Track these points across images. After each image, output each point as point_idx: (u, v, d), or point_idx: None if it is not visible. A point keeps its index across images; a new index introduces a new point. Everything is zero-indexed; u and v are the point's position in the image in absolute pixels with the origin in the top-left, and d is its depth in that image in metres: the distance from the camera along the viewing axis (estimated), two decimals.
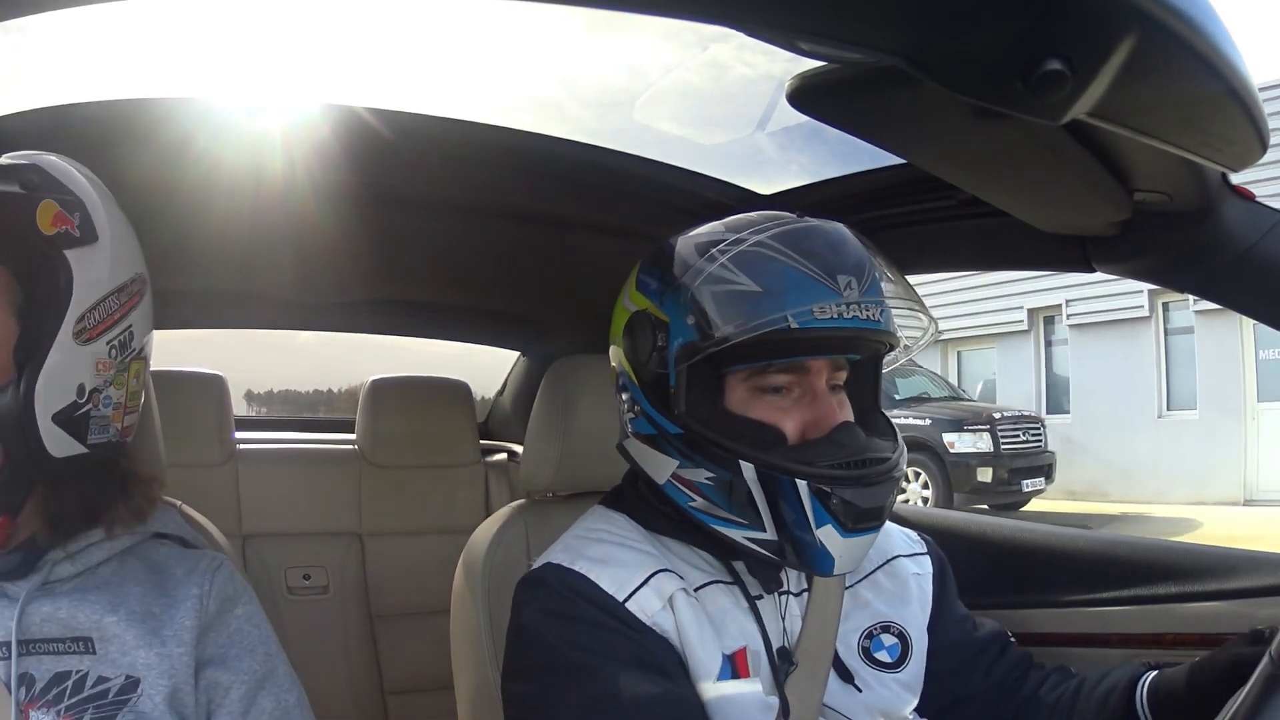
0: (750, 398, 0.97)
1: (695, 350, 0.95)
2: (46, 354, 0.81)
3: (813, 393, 0.97)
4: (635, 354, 1.02)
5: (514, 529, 1.31)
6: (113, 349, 0.87)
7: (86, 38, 1.35)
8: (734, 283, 0.93)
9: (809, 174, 1.50)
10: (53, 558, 0.87)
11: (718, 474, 0.95)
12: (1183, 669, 0.98)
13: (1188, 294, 1.19)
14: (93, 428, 0.86)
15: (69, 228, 0.82)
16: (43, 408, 0.81)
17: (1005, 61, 0.62)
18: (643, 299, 1.02)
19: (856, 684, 1.04)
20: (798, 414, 0.97)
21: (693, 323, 0.95)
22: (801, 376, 0.97)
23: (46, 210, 0.81)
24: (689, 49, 1.31)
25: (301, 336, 2.77)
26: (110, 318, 0.86)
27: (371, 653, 2.29)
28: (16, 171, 0.81)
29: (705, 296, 0.95)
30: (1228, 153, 0.80)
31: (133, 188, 0.94)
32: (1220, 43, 0.62)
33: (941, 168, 1.01)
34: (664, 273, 1.01)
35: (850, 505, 0.91)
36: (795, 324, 0.91)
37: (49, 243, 0.81)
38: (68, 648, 0.83)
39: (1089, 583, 1.43)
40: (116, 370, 0.88)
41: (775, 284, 0.92)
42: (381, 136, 1.26)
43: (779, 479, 0.92)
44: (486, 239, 1.80)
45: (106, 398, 0.87)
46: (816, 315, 0.91)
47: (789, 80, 0.78)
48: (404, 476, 2.39)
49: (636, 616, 0.95)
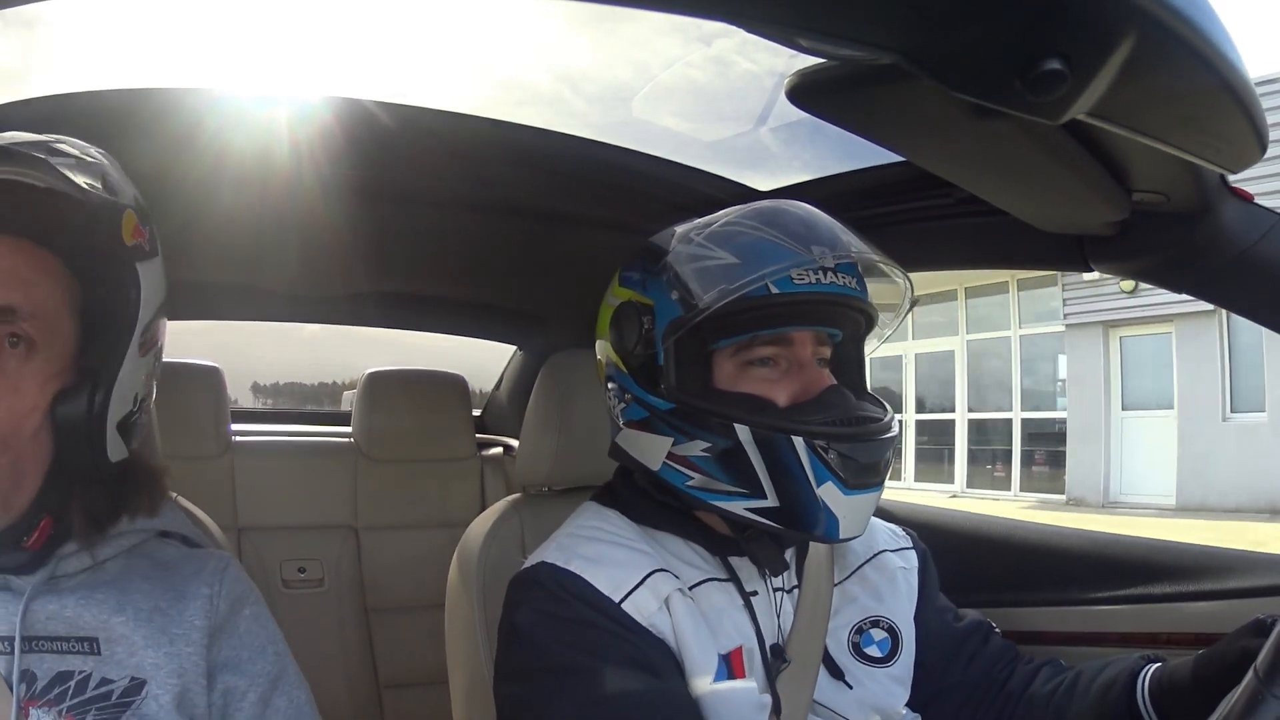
0: (738, 373, 0.99)
1: (681, 324, 0.97)
2: (120, 364, 0.81)
3: (799, 363, 0.99)
4: (622, 343, 1.03)
5: (509, 523, 1.31)
6: (156, 360, 0.89)
7: (91, 26, 1.34)
8: (713, 257, 0.97)
9: (808, 170, 1.50)
10: (61, 553, 0.85)
11: (714, 443, 0.96)
12: (1187, 662, 0.97)
13: (1184, 294, 1.18)
14: (135, 433, 0.87)
15: (143, 240, 0.82)
16: (112, 417, 0.81)
17: (1004, 60, 0.62)
18: (626, 290, 1.05)
19: (847, 681, 1.04)
20: (786, 384, 0.99)
21: (676, 298, 0.98)
22: (786, 349, 0.99)
23: (129, 221, 0.80)
24: (691, 44, 1.31)
25: (307, 329, 2.78)
26: (160, 331, 0.88)
27: (366, 646, 2.29)
28: (92, 170, 0.78)
29: (686, 273, 0.98)
30: (1226, 154, 0.80)
31: (132, 177, 0.93)
32: (1220, 43, 0.61)
33: (940, 166, 1.01)
34: (645, 263, 1.04)
35: (848, 460, 0.93)
36: (775, 288, 0.94)
37: (129, 253, 0.81)
38: (72, 647, 0.82)
39: (1085, 581, 1.43)
40: (152, 378, 0.90)
41: (753, 254, 0.95)
42: (385, 130, 1.27)
43: (775, 439, 0.93)
44: (486, 233, 1.80)
45: (147, 405, 0.90)
46: (795, 280, 0.95)
47: (788, 77, 0.78)
48: (400, 470, 2.40)
49: (632, 617, 0.95)
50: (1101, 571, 1.43)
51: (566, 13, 1.06)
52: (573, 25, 1.97)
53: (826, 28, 0.65)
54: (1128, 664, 1.03)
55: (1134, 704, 0.99)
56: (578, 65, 3.25)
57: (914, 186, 1.36)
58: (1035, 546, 1.55)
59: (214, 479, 2.20)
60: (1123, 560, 1.42)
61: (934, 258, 1.55)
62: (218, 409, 2.22)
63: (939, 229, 1.42)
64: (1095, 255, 1.21)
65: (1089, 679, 1.05)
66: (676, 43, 1.38)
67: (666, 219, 1.13)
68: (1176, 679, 0.97)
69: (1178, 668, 0.98)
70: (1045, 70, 0.61)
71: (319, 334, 2.55)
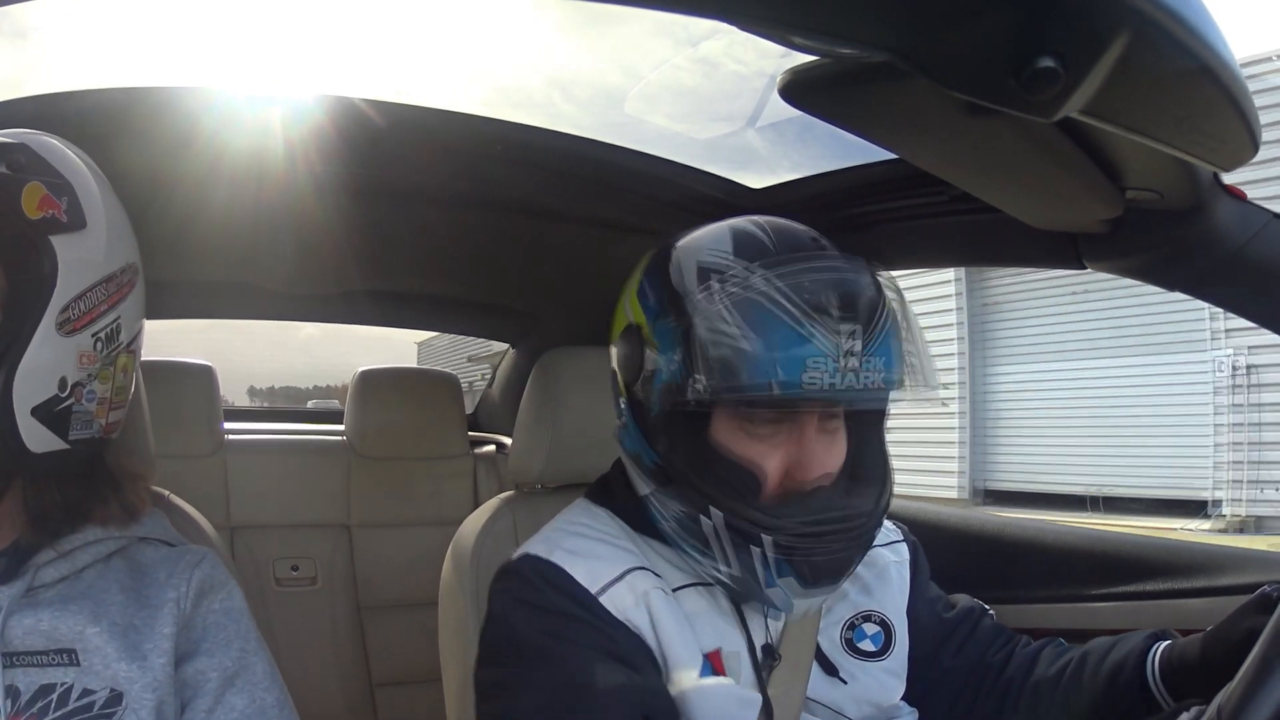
0: (736, 432, 0.93)
1: (678, 393, 0.91)
2: (27, 345, 0.77)
3: (800, 434, 0.93)
4: (626, 369, 1.00)
5: (502, 521, 1.31)
6: (98, 341, 0.83)
7: (83, 26, 1.34)
8: (724, 332, 0.87)
9: (801, 169, 1.50)
10: (38, 561, 0.84)
11: (687, 510, 0.94)
12: (1195, 640, 0.98)
13: (1178, 292, 1.18)
14: (75, 423, 0.83)
15: (55, 212, 0.79)
16: (21, 402, 0.77)
17: (998, 58, 0.62)
18: (640, 313, 0.99)
19: (841, 676, 1.04)
20: (783, 454, 0.92)
21: (678, 362, 0.91)
22: (791, 421, 0.93)
23: (33, 193, 0.78)
24: (681, 46, 1.31)
25: (303, 331, 2.78)
26: (97, 308, 0.83)
27: (359, 645, 2.29)
28: (3, 151, 0.77)
29: (695, 338, 0.89)
30: (1220, 152, 0.80)
31: (126, 177, 0.92)
32: (1213, 42, 0.61)
33: (933, 163, 1.00)
34: (662, 289, 0.97)
35: (816, 563, 0.91)
36: (779, 391, 0.85)
37: (34, 227, 0.78)
38: (52, 659, 0.81)
39: (1076, 578, 1.44)
40: (102, 364, 0.84)
41: (768, 339, 0.85)
42: (378, 128, 1.26)
43: (746, 529, 0.91)
44: (480, 231, 1.79)
45: (90, 392, 0.84)
46: (805, 383, 0.85)
47: (781, 74, 0.78)
48: (393, 468, 2.39)
49: (608, 610, 0.95)
50: (1093, 568, 1.43)
51: (558, 18, 1.06)
52: (564, 29, 1.97)
53: (820, 25, 0.64)
54: (1136, 643, 1.03)
55: (1145, 685, 1.00)
56: (569, 69, 3.25)
57: (907, 184, 1.36)
58: (1026, 543, 1.55)
59: (207, 477, 2.20)
60: (1114, 557, 1.42)
61: (926, 255, 1.55)
62: (211, 407, 2.22)
63: (932, 227, 1.42)
64: (1089, 253, 1.21)
65: (1097, 661, 1.05)
66: (666, 45, 1.37)
67: (660, 218, 1.12)
68: (1187, 658, 0.98)
69: (1187, 646, 0.98)
70: (1039, 68, 0.60)
71: (316, 335, 2.55)
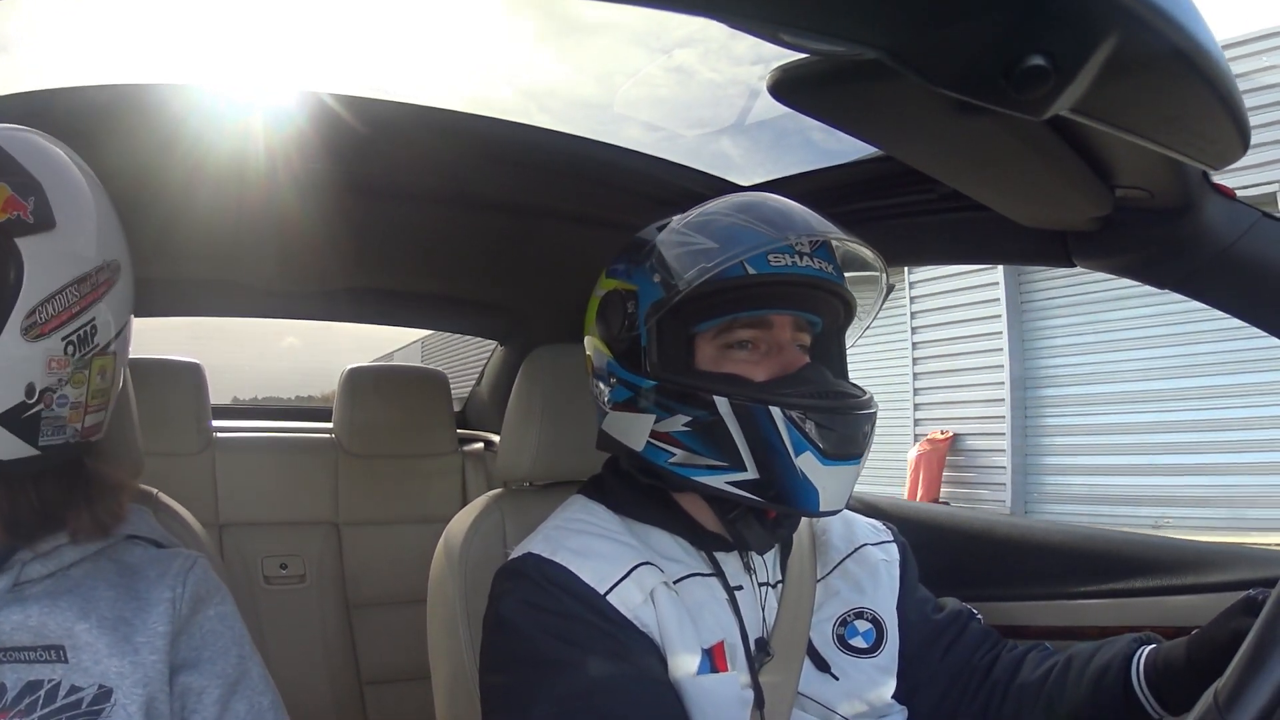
0: (719, 355, 1.01)
1: (663, 304, 0.99)
2: None
3: (778, 345, 1.02)
4: (609, 329, 1.05)
5: (491, 518, 1.30)
6: (69, 345, 0.81)
7: (67, 23, 1.32)
8: (692, 242, 1.00)
9: (789, 166, 1.50)
10: (21, 557, 0.83)
11: (695, 417, 0.97)
12: (1180, 644, 0.98)
13: (1167, 290, 1.19)
14: (45, 429, 0.80)
15: (21, 213, 0.76)
16: None
17: (988, 56, 0.62)
18: (612, 281, 1.07)
19: (833, 673, 1.05)
20: (765, 364, 1.01)
21: (658, 280, 1.00)
22: (765, 332, 1.02)
23: None
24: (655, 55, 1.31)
25: (284, 342, 2.76)
26: (67, 311, 0.80)
27: (348, 642, 2.29)
28: None
29: (667, 256, 1.01)
30: (1209, 151, 0.80)
31: (113, 175, 0.91)
32: (1203, 41, 0.61)
33: (922, 161, 1.00)
34: (630, 254, 1.07)
35: (826, 431, 0.94)
36: (751, 269, 0.97)
37: (1, 228, 0.75)
38: (39, 656, 0.79)
39: (1065, 575, 1.44)
40: (74, 368, 0.82)
41: (730, 238, 0.98)
42: (359, 125, 1.25)
43: (753, 411, 0.94)
44: (465, 228, 1.79)
45: (62, 397, 0.81)
46: (771, 263, 0.98)
47: (770, 71, 0.78)
48: (381, 466, 2.39)
49: (618, 610, 0.95)
50: (1082, 565, 1.43)
51: (546, 24, 1.06)
52: (541, 38, 1.97)
53: (809, 23, 0.64)
54: (1121, 647, 1.04)
55: (1130, 689, 1.00)
56: (544, 81, 3.25)
57: (896, 182, 1.36)
58: (1015, 541, 1.56)
59: (195, 475, 2.19)
60: (1103, 554, 1.42)
61: (916, 253, 1.55)
62: (199, 404, 2.20)
63: (921, 224, 1.42)
64: (1078, 251, 1.22)
65: (1081, 665, 1.05)
66: (642, 54, 1.37)
67: (647, 214, 1.12)
68: (1172, 661, 0.98)
69: (1172, 650, 0.99)
70: (1029, 67, 0.60)
71: (298, 346, 2.56)
